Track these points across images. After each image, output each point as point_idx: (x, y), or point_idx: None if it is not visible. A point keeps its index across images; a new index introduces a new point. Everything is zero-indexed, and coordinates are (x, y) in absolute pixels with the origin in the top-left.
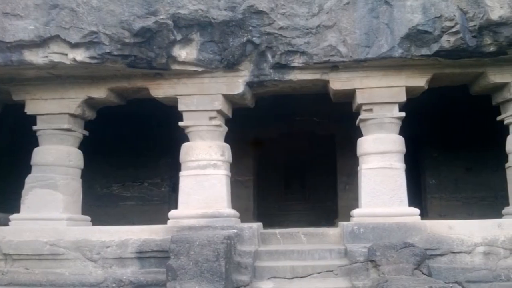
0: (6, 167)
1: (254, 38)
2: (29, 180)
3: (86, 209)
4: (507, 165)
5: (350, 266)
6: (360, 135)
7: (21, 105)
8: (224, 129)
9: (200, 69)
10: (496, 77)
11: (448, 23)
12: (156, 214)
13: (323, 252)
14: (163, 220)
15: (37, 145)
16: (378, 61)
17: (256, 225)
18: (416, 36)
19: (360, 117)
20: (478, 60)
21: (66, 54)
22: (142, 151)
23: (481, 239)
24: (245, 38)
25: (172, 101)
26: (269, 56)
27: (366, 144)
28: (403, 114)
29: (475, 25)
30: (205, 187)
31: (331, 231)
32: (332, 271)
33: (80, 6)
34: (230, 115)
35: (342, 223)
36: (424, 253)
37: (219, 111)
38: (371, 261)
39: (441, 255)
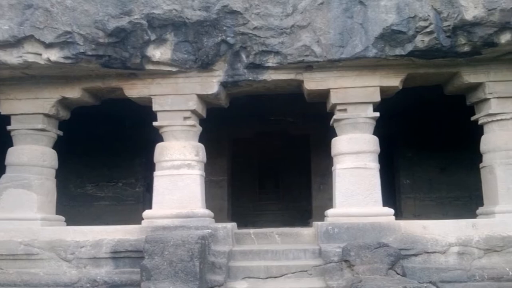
0: None
1: (228, 38)
2: (3, 180)
3: (61, 209)
4: (481, 165)
5: (324, 266)
6: (335, 135)
7: None
8: (199, 129)
9: (174, 69)
10: (470, 77)
11: (422, 23)
12: (131, 214)
13: (297, 252)
14: (138, 220)
15: (11, 145)
16: (353, 61)
17: (231, 225)
18: (390, 36)
19: (335, 117)
20: (452, 60)
21: (40, 54)
22: (117, 151)
23: (456, 239)
24: (219, 38)
25: (146, 101)
26: (244, 56)
27: (341, 144)
28: (377, 114)
29: (449, 25)
30: (179, 187)
31: (305, 231)
32: (306, 271)
33: (54, 6)
34: (204, 115)
35: (317, 223)
36: (398, 253)
37: (194, 111)
38: (346, 261)
39: (415, 255)
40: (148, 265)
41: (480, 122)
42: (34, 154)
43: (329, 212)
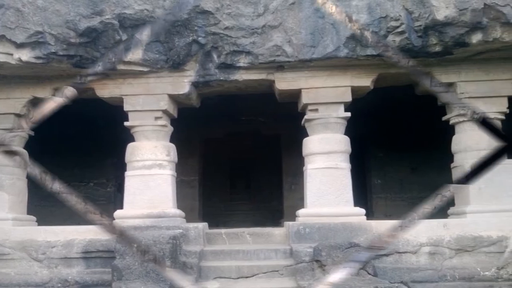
0: None
1: (199, 38)
2: None
3: (32, 209)
4: (452, 165)
5: (295, 266)
6: (306, 135)
7: None
8: (170, 129)
9: (145, 69)
10: (441, 77)
11: (393, 23)
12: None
13: (268, 252)
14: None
15: None
16: (324, 61)
17: (202, 225)
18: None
19: (306, 117)
20: (424, 60)
21: (12, 54)
22: (88, 151)
23: (427, 239)
24: (190, 38)
25: (118, 101)
26: (215, 56)
27: (312, 144)
28: (348, 114)
29: (420, 25)
30: (150, 187)
31: (276, 231)
32: (277, 271)
33: (25, 6)
34: (175, 115)
35: (288, 223)
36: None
37: (165, 111)
38: (317, 261)
39: (386, 255)
40: (119, 265)
41: (451, 122)
42: None
43: (300, 212)
